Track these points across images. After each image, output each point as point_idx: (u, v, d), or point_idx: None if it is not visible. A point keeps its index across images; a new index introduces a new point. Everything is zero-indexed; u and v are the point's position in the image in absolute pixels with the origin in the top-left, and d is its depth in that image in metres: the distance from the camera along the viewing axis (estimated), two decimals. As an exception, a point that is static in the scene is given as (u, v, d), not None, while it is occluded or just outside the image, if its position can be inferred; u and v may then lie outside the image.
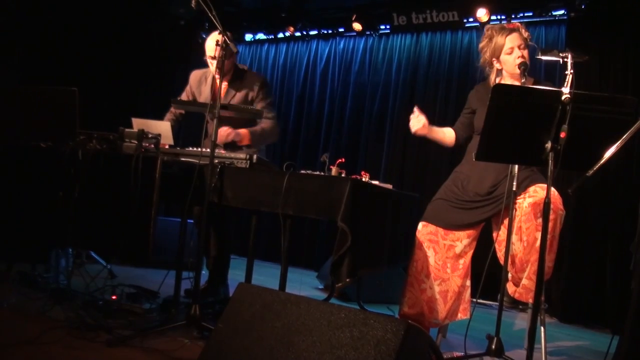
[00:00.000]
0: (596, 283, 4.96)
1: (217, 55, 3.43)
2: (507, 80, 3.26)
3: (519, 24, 3.26)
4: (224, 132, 3.66)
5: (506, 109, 2.49)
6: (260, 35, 7.64)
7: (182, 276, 3.44)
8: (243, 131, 3.79)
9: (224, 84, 3.96)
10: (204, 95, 4.04)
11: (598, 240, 5.02)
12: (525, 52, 3.15)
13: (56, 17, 6.17)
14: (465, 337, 2.97)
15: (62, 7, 6.19)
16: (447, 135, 3.50)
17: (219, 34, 3.13)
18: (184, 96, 4.16)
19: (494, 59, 3.25)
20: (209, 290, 3.94)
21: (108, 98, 6.62)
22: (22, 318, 2.97)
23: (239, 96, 3.94)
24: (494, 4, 5.68)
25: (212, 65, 3.84)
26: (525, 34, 3.21)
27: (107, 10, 6.57)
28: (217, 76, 3.89)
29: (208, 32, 6.87)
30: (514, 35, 3.17)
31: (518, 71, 3.08)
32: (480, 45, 3.31)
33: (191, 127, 4.43)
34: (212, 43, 3.75)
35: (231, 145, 3.79)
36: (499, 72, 3.31)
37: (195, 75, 4.16)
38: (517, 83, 3.14)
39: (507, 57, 3.18)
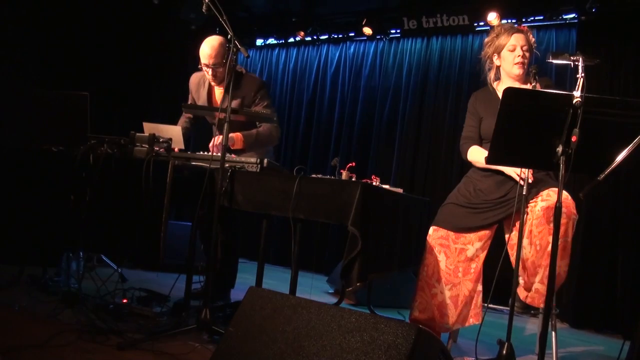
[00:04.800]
0: (607, 288, 4.93)
1: (210, 62, 3.63)
2: (505, 80, 3.29)
3: (528, 29, 3.30)
4: (218, 140, 3.55)
5: (517, 113, 2.48)
6: (271, 40, 7.66)
7: (192, 280, 3.44)
8: (236, 135, 3.75)
9: (220, 91, 3.91)
10: (202, 100, 4.00)
11: (609, 245, 4.99)
12: (527, 55, 3.19)
13: (68, 22, 6.21)
14: (476, 342, 2.96)
15: (73, 12, 6.23)
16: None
17: (233, 37, 3.09)
18: (189, 101, 4.12)
19: (495, 54, 3.29)
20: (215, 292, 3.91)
21: (119, 103, 6.66)
22: (33, 321, 2.98)
23: (234, 104, 3.76)
24: (504, 8, 5.67)
25: (208, 73, 3.79)
26: (532, 40, 3.26)
27: (119, 16, 6.61)
28: (213, 83, 3.89)
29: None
30: (520, 35, 3.22)
31: (516, 72, 3.18)
32: (486, 39, 3.35)
33: (202, 131, 4.44)
34: (207, 49, 3.69)
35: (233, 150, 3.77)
36: (497, 70, 3.34)
37: (194, 78, 4.09)
38: (516, 84, 3.21)
39: (507, 53, 3.22)
